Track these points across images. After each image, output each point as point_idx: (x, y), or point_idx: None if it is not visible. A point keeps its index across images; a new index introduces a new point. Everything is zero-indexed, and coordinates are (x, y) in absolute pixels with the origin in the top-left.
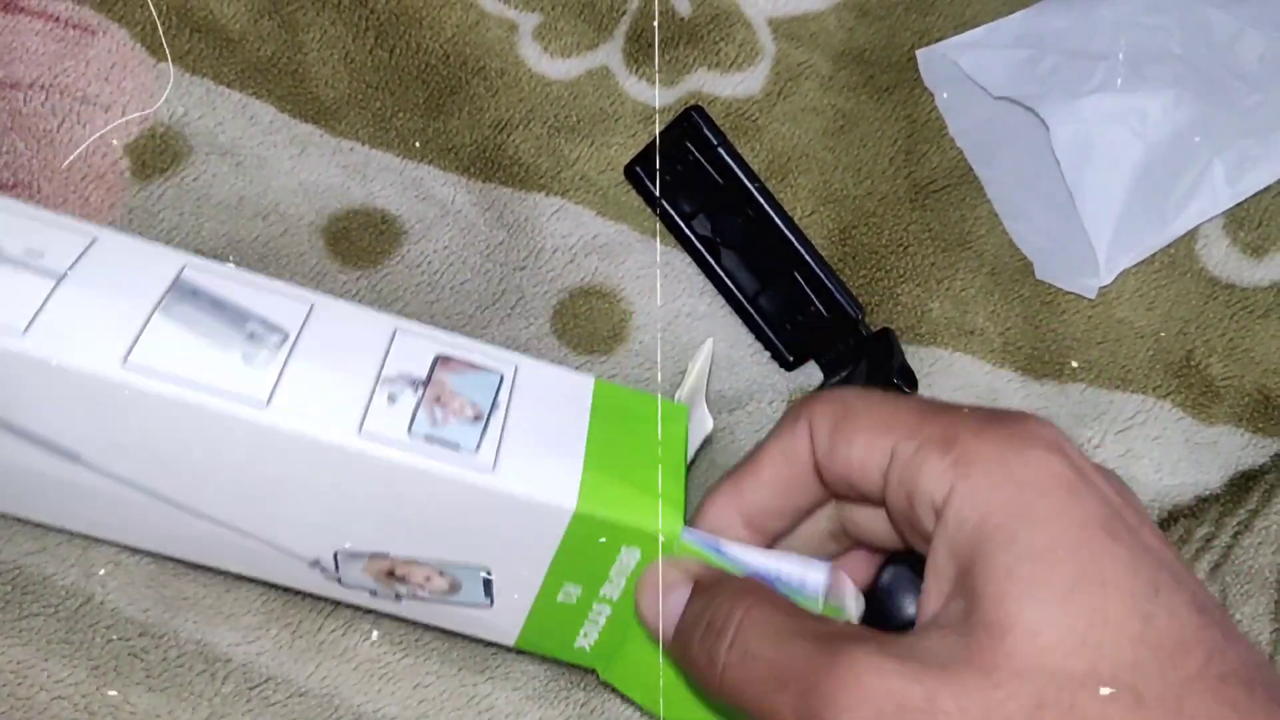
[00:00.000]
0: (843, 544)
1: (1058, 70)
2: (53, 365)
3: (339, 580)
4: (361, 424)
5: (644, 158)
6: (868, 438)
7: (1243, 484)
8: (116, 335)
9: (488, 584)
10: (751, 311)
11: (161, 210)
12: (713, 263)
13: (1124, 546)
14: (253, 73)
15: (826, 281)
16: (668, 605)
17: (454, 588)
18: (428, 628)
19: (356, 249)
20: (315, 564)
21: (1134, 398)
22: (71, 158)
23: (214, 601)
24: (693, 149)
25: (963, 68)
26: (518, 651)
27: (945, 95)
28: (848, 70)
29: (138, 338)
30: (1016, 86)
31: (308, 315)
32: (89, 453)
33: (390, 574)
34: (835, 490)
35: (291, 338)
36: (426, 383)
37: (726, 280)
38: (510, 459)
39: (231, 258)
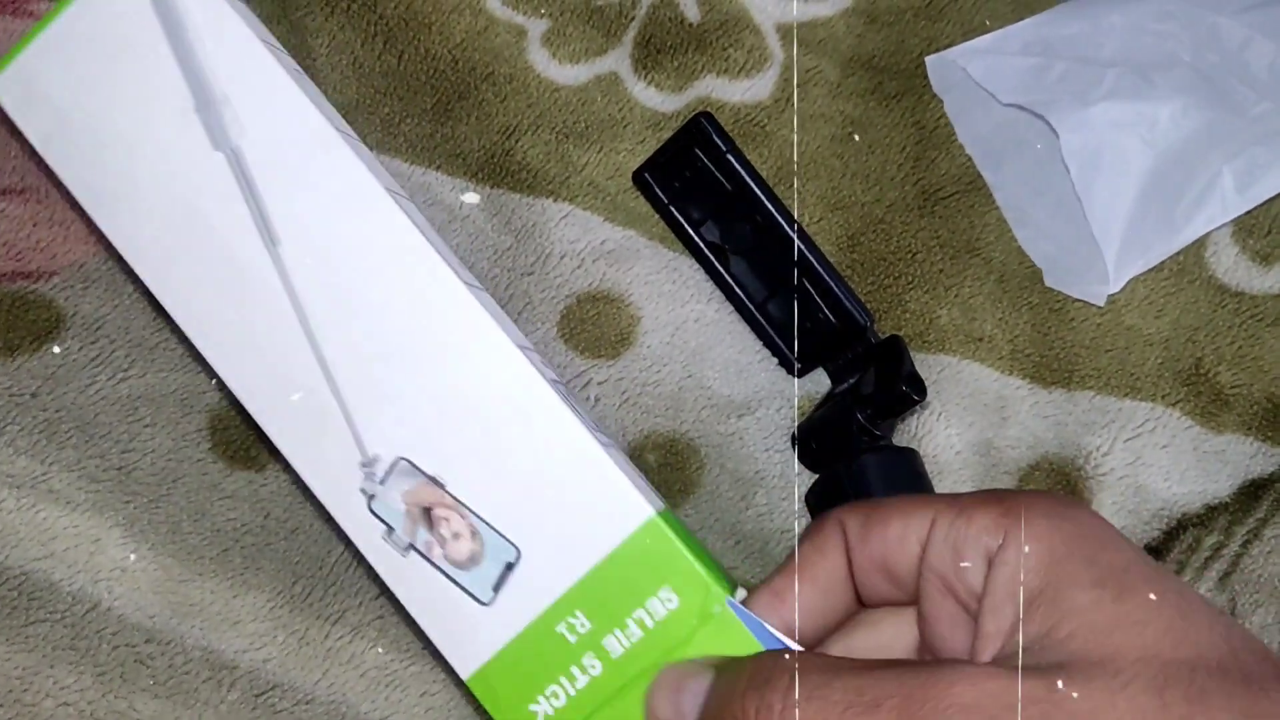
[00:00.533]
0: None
1: (1067, 77)
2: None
3: (374, 495)
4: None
5: (652, 164)
6: (904, 515)
7: (1251, 492)
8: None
9: (506, 571)
10: (760, 318)
11: None
12: (721, 269)
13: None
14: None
15: (835, 288)
16: (683, 702)
17: (473, 559)
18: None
19: None
20: (371, 463)
21: (1143, 405)
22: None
23: (221, 608)
24: (701, 155)
25: (972, 75)
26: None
27: (953, 102)
28: (856, 77)
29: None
30: (1026, 93)
31: None
32: (289, 248)
33: (426, 513)
34: (868, 586)
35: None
36: None
37: (735, 287)
38: (619, 456)
39: None
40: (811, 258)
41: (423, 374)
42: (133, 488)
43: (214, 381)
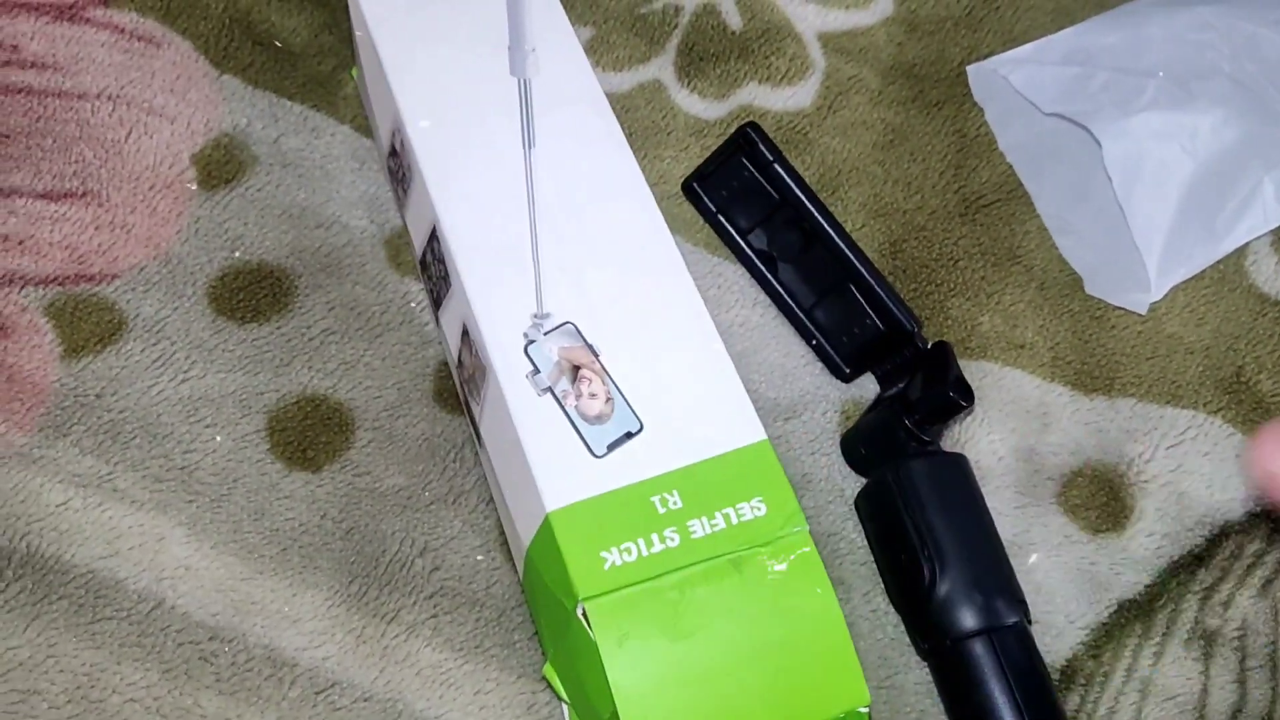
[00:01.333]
0: None
1: (1108, 87)
2: None
3: (534, 341)
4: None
5: (700, 174)
6: None
7: None
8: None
9: (625, 438)
10: (808, 324)
11: (227, 220)
12: (769, 276)
13: None
14: (314, 86)
15: (883, 295)
16: None
17: (600, 418)
18: (484, 636)
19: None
20: (543, 316)
21: (1184, 413)
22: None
23: (281, 606)
24: (748, 164)
25: (1013, 84)
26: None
27: (995, 110)
28: (898, 85)
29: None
30: (1067, 103)
31: None
32: (540, 152)
33: (575, 370)
34: None
35: None
36: None
37: (783, 293)
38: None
39: (295, 267)
40: (859, 264)
41: (610, 268)
42: (195, 487)
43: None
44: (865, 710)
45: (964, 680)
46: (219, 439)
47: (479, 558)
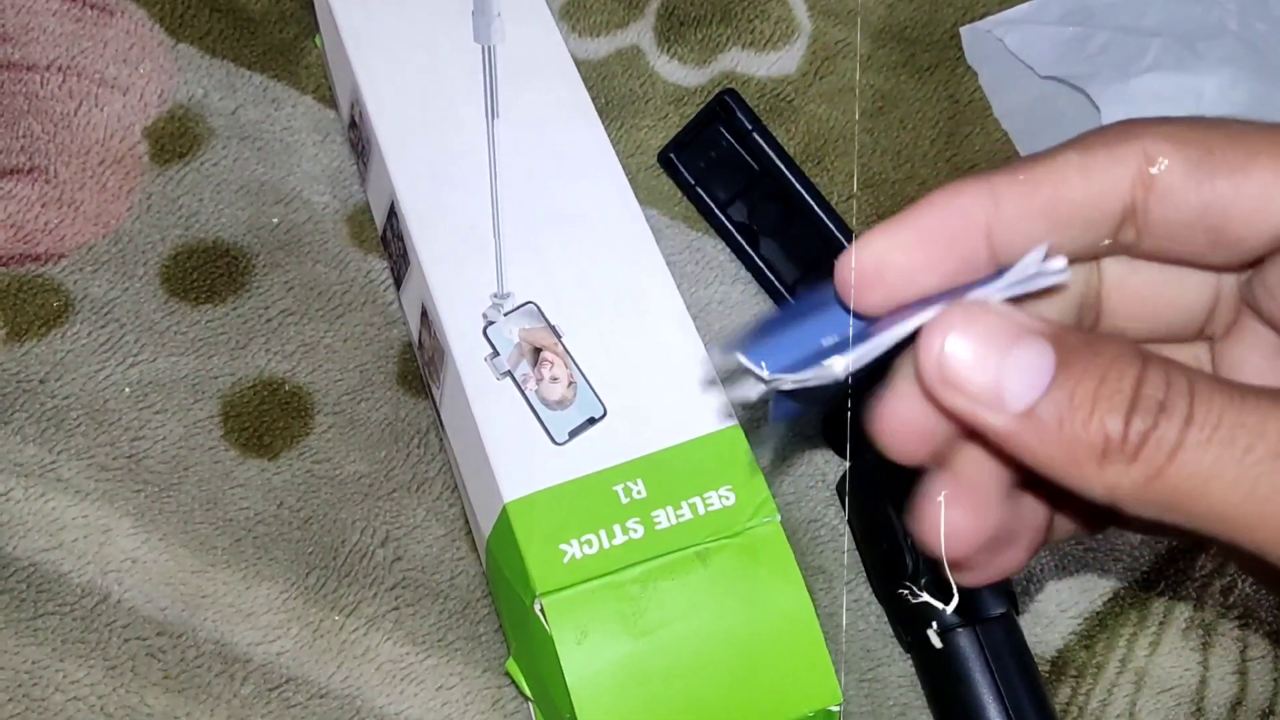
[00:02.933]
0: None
1: (1108, 48)
2: None
3: (494, 322)
4: None
5: (677, 144)
6: (1274, 164)
7: None
8: None
9: (587, 424)
10: (791, 300)
11: (181, 196)
12: (750, 250)
13: None
14: (275, 55)
15: None
16: (1018, 366)
17: (561, 404)
18: (447, 630)
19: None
20: (503, 296)
21: None
22: None
23: (233, 599)
24: (726, 134)
25: (1008, 46)
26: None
27: (989, 74)
28: (888, 49)
29: None
30: (1065, 65)
31: None
32: (504, 123)
33: (536, 352)
34: (1162, 244)
35: None
36: None
37: (764, 269)
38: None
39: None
40: (842, 238)
41: (576, 245)
42: (143, 476)
43: (381, 212)
44: (837, 709)
45: (948, 673)
46: (169, 426)
47: (442, 547)
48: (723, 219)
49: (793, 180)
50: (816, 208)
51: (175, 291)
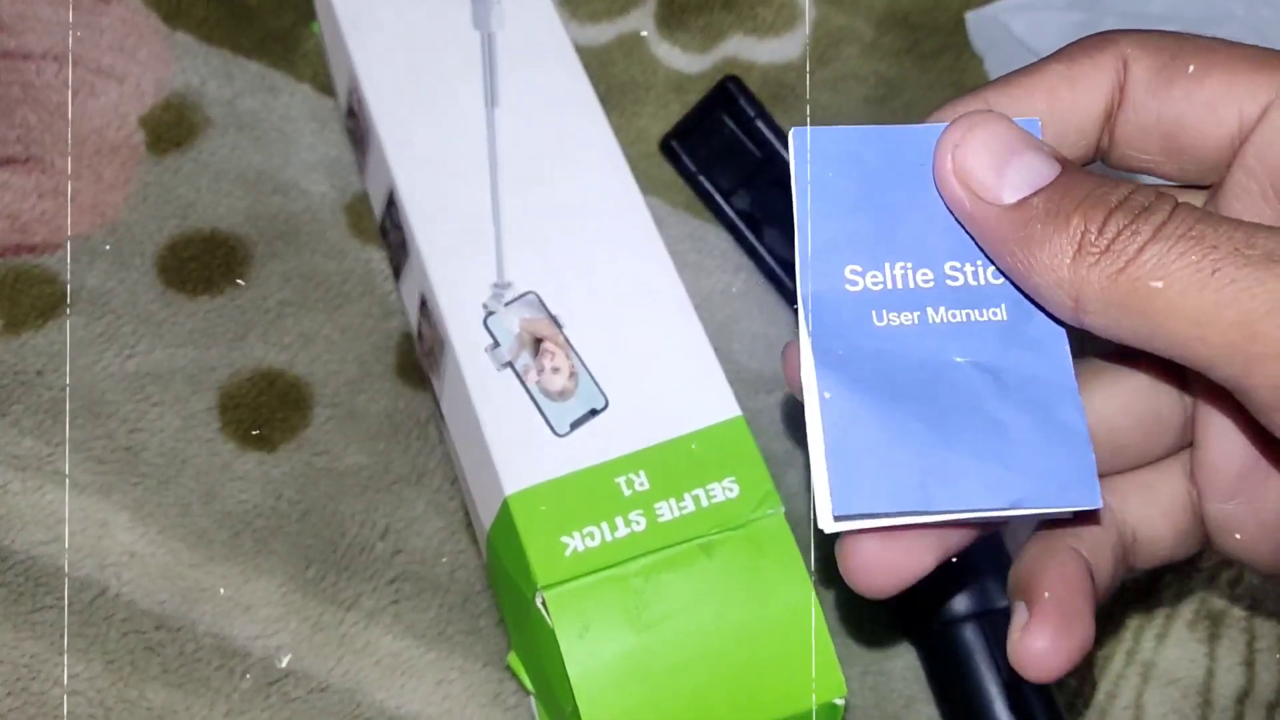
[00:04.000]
0: None
1: None
2: None
3: (494, 312)
4: None
5: (679, 131)
6: (1229, 73)
7: None
8: None
9: (589, 415)
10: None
11: (178, 186)
12: (753, 239)
13: None
14: (272, 42)
15: None
16: (1023, 164)
17: (563, 395)
18: (448, 623)
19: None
20: (503, 286)
21: None
22: None
23: (232, 593)
24: (729, 121)
25: (1014, 31)
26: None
27: (995, 60)
28: (892, 35)
29: None
30: None
31: None
32: (503, 111)
33: (537, 343)
34: (1132, 149)
35: None
36: None
37: (768, 258)
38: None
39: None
40: None
41: (577, 235)
42: (141, 469)
43: (380, 203)
44: (841, 702)
45: (953, 666)
46: (167, 418)
47: (443, 540)
48: (725, 207)
49: None
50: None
51: (172, 282)
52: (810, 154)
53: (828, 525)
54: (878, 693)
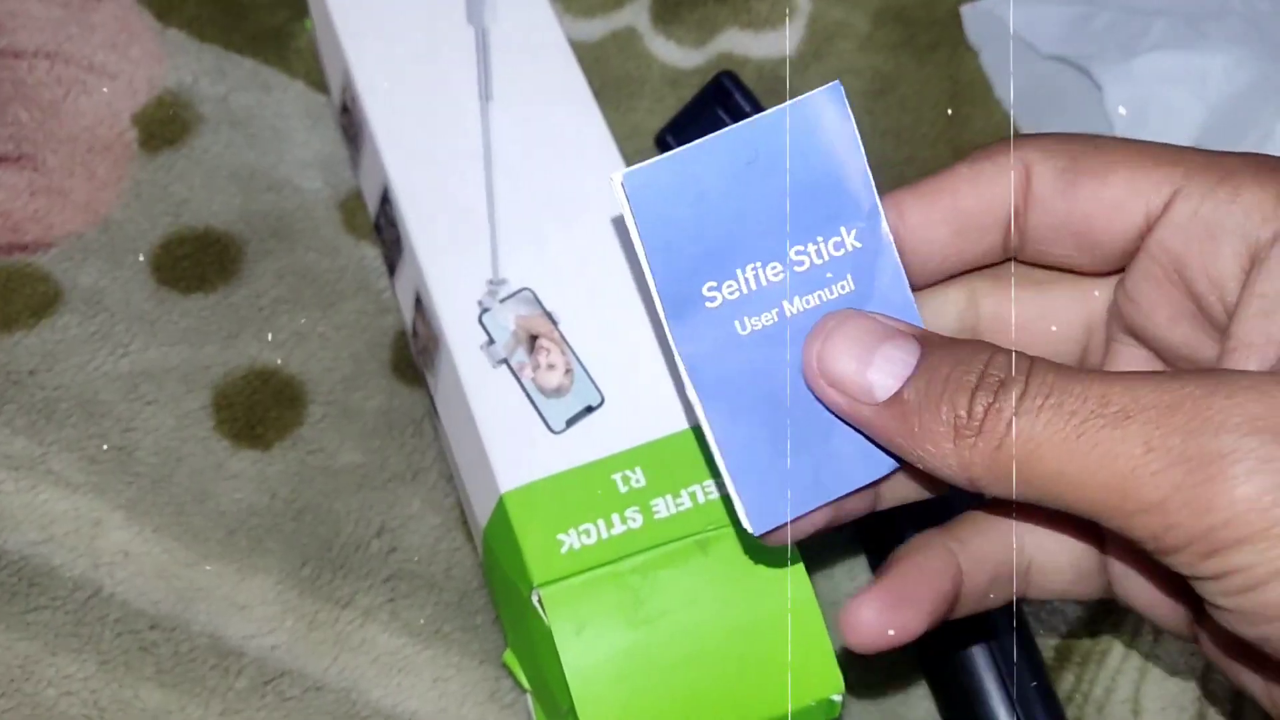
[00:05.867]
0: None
1: (1112, 27)
2: None
3: (489, 309)
4: None
5: (675, 126)
6: (1132, 173)
7: None
8: None
9: (585, 412)
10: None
11: (170, 183)
12: None
13: None
14: (265, 39)
15: None
16: (884, 361)
17: (559, 391)
18: (444, 620)
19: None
20: (498, 283)
21: None
22: None
23: (227, 592)
24: (725, 116)
25: (1010, 24)
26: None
27: (991, 54)
28: (887, 29)
29: None
30: (1067, 45)
31: None
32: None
33: (532, 340)
34: (1039, 246)
35: None
36: None
37: None
38: None
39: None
40: None
41: (572, 231)
42: (135, 468)
43: (374, 198)
44: (839, 698)
45: (950, 661)
46: (161, 417)
47: (438, 538)
48: None
49: None
50: None
51: (165, 280)
52: (641, 192)
53: (752, 529)
54: (874, 689)
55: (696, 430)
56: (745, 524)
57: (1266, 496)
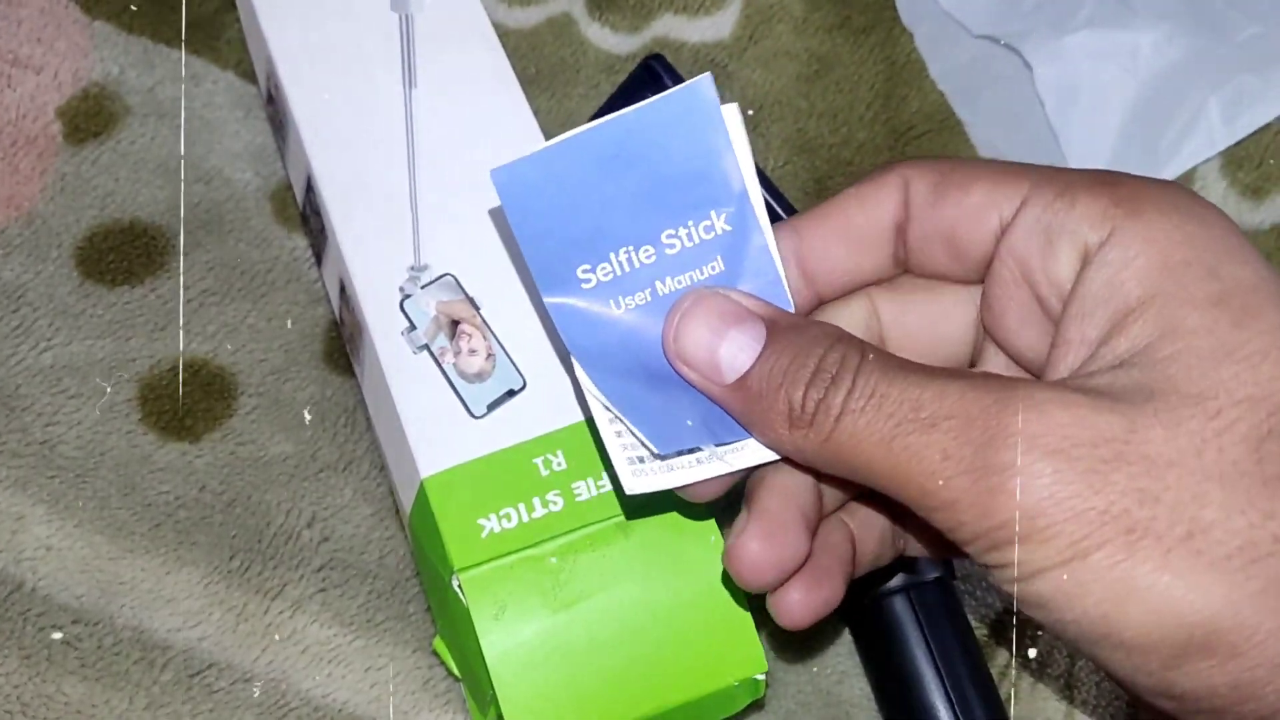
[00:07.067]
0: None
1: (1042, 6)
2: None
3: (410, 295)
4: None
5: (605, 112)
6: (990, 184)
7: None
8: None
9: (506, 396)
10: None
11: (96, 176)
12: None
13: None
14: (194, 30)
15: None
16: (732, 344)
17: (480, 376)
18: (376, 610)
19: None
20: (420, 269)
21: None
22: None
23: (152, 585)
24: None
25: (942, 4)
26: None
27: (925, 35)
28: (822, 11)
29: None
30: (998, 24)
31: None
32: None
33: (454, 325)
34: (920, 256)
35: None
36: None
37: None
38: None
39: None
40: (776, 205)
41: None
42: (57, 463)
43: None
44: (762, 677)
45: (883, 638)
46: (84, 410)
47: (371, 527)
48: None
49: None
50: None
51: (90, 273)
52: (511, 186)
53: (659, 450)
54: (808, 667)
55: (590, 423)
56: (652, 448)
57: (1034, 506)
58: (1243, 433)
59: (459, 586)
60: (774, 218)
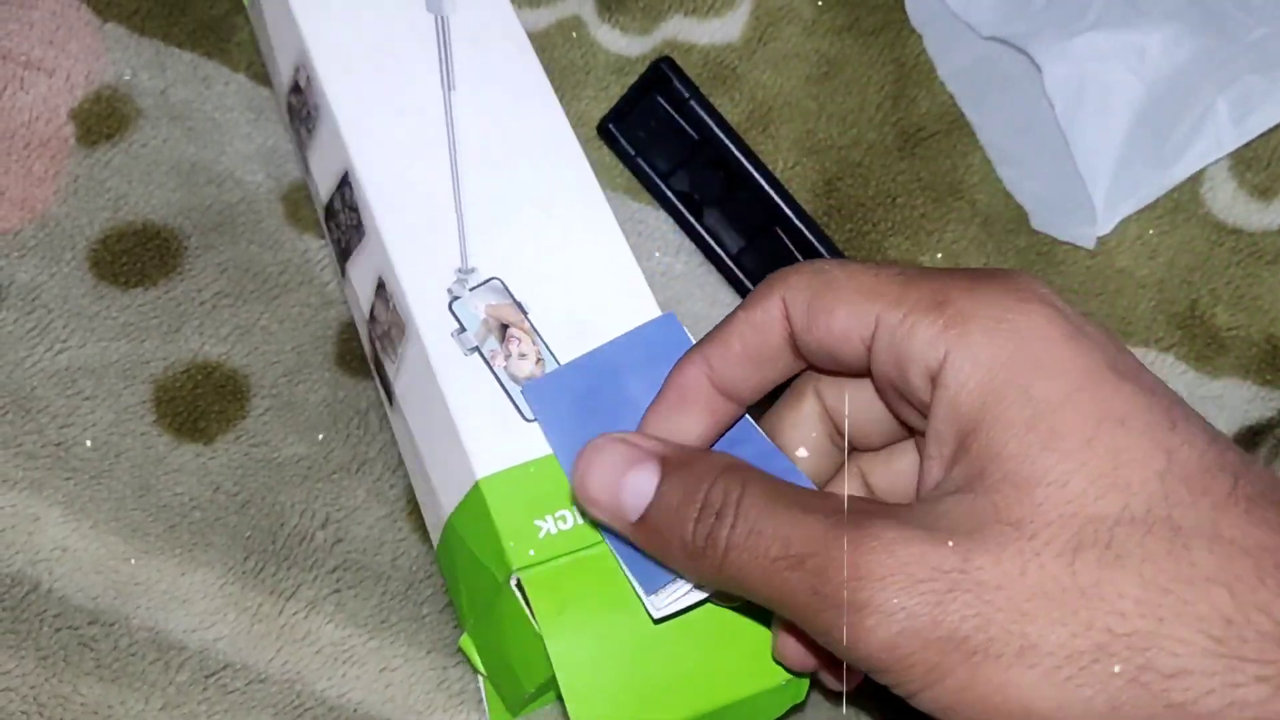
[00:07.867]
0: (827, 428)
1: (1050, 6)
2: None
3: (459, 297)
4: None
5: (616, 114)
6: (849, 309)
7: (1249, 439)
8: None
9: None
10: (736, 270)
11: (109, 178)
12: (693, 221)
13: (1133, 385)
14: (205, 32)
15: (810, 237)
16: (630, 487)
17: (531, 379)
18: (390, 611)
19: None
20: (468, 271)
21: (1136, 350)
22: None
23: (168, 586)
24: (664, 103)
25: (951, 6)
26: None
27: (933, 36)
28: (832, 13)
29: None
30: (1006, 25)
31: None
32: (461, 94)
33: (503, 328)
34: (815, 362)
35: None
36: None
37: (708, 239)
38: None
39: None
40: (784, 206)
41: (539, 222)
42: (73, 464)
43: (331, 183)
44: (806, 678)
45: None
46: (100, 412)
47: (384, 529)
48: (664, 189)
49: (733, 148)
50: (758, 176)
51: (105, 275)
52: (537, 395)
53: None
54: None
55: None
56: (640, 590)
57: (891, 640)
58: (1057, 550)
59: (518, 586)
60: (785, 220)
